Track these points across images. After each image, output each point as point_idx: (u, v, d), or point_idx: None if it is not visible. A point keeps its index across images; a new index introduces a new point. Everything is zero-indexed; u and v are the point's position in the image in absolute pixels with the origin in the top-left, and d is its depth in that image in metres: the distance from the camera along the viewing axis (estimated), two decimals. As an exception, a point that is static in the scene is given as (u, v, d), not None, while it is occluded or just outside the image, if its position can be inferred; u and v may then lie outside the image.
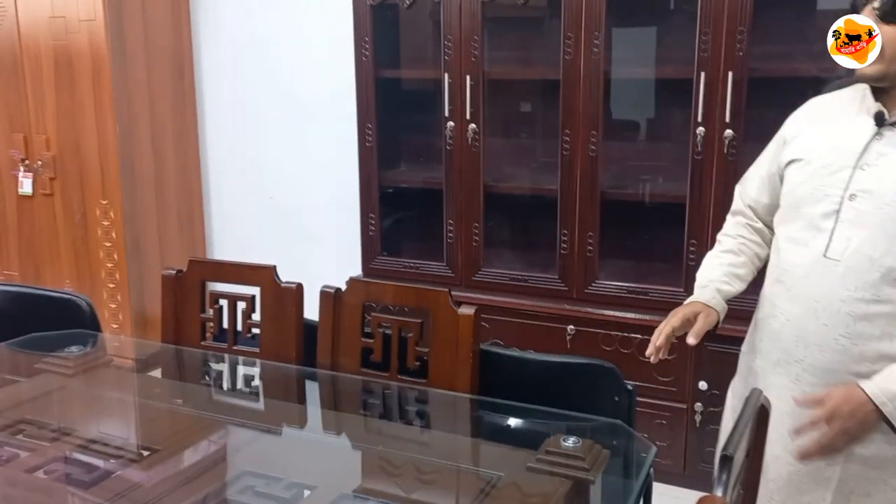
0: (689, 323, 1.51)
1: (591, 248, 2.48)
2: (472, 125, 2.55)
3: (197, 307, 1.75)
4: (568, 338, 2.50)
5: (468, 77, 2.52)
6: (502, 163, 2.75)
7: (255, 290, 1.72)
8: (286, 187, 3.52)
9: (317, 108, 3.32)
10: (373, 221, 2.83)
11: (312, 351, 1.68)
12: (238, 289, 1.75)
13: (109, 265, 3.40)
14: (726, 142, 2.20)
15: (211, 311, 1.75)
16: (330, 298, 1.63)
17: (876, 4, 1.37)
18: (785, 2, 2.34)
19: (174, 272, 1.79)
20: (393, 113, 2.87)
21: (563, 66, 2.39)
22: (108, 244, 3.38)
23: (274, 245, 3.62)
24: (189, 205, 3.68)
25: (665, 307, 1.69)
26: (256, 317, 1.72)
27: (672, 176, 2.47)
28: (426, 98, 2.69)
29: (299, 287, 1.68)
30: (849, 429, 1.33)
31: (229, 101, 3.59)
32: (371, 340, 1.61)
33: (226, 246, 3.80)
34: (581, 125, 2.40)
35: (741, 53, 2.15)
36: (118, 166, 3.26)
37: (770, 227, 1.60)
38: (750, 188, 1.65)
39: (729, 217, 1.70)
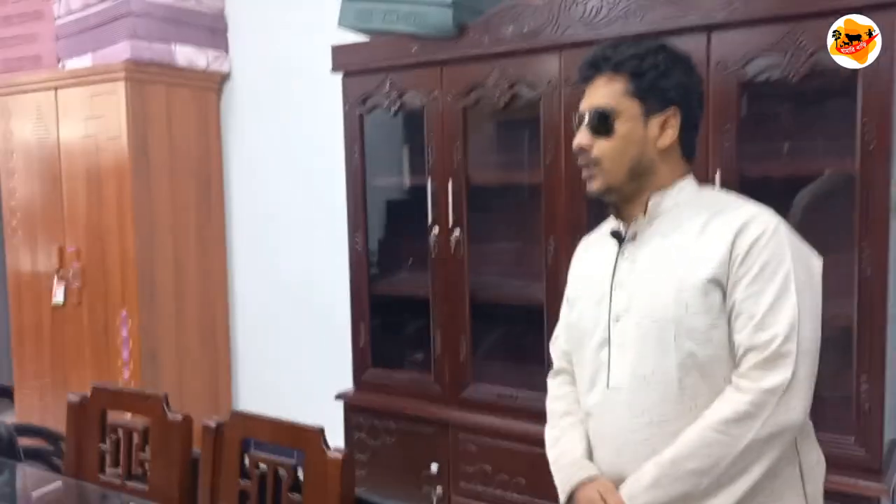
0: None
1: (581, 364, 2.23)
2: (456, 231, 2.41)
3: (97, 437, 1.64)
4: (557, 466, 2.22)
5: (451, 181, 2.41)
6: (491, 271, 2.57)
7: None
8: (310, 295, 3.45)
9: (331, 217, 3.29)
10: (363, 332, 2.69)
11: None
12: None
13: (126, 375, 3.40)
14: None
15: (107, 443, 1.63)
16: (210, 433, 1.48)
17: (587, 120, 1.40)
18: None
19: (78, 398, 1.70)
20: (385, 219, 2.80)
21: (544, 171, 2.24)
22: (125, 354, 3.39)
23: (299, 355, 3.54)
24: (212, 316, 3.68)
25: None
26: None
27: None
28: (416, 204, 2.58)
29: (187, 420, 1.54)
30: None
31: (257, 213, 3.63)
32: (249, 482, 1.44)
33: (249, 358, 3.74)
34: (564, 232, 2.22)
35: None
36: (136, 278, 3.31)
37: None
38: (561, 342, 1.58)
39: (551, 380, 1.61)
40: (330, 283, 3.29)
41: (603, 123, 1.37)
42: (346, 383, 2.75)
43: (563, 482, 1.42)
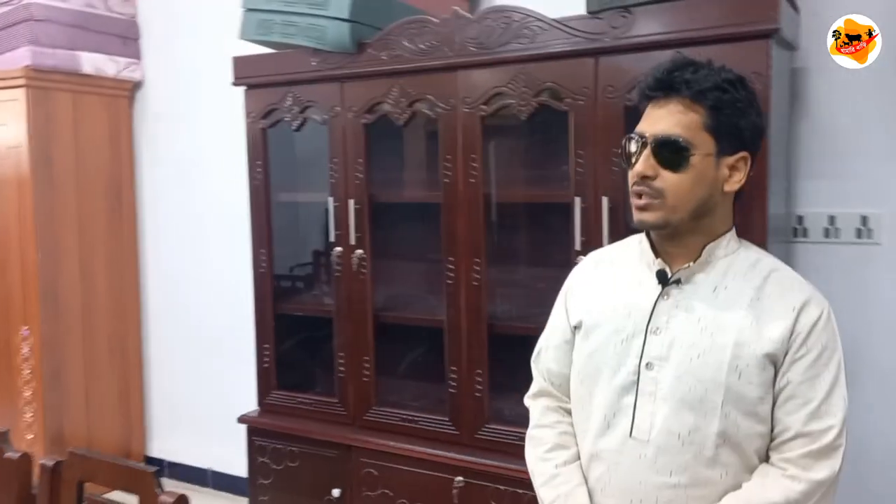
0: None
1: (480, 387, 2.21)
2: (359, 251, 2.36)
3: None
4: (455, 491, 2.19)
5: (352, 200, 2.36)
6: (394, 290, 2.53)
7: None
8: (227, 311, 3.35)
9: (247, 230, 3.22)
10: (267, 353, 2.62)
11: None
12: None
13: (27, 394, 3.26)
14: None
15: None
16: (47, 473, 1.40)
17: (653, 147, 1.25)
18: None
19: None
20: (295, 235, 2.73)
21: (443, 190, 2.21)
22: (27, 372, 3.25)
23: (210, 370, 3.44)
24: (123, 332, 3.56)
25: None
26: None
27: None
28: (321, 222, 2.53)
29: (24, 458, 1.45)
30: None
31: (171, 224, 3.52)
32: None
33: (163, 375, 3.63)
34: (463, 252, 2.19)
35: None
36: (38, 292, 3.18)
37: None
38: (549, 362, 1.46)
39: (531, 402, 1.50)
40: (244, 298, 3.21)
41: (676, 155, 1.24)
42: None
43: None
